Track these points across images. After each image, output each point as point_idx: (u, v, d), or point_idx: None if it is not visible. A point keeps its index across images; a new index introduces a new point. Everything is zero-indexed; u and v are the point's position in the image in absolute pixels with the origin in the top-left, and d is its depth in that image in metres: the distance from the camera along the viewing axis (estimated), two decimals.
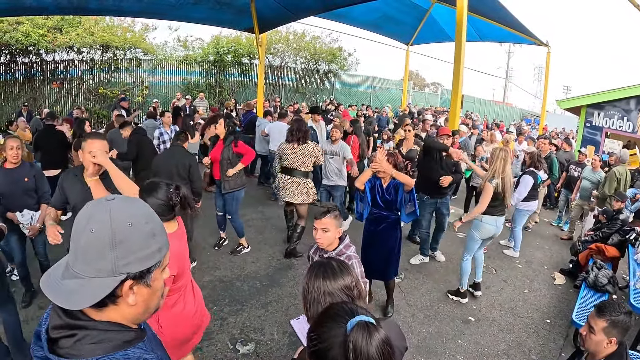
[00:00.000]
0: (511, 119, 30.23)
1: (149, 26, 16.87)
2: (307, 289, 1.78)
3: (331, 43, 21.20)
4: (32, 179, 4.32)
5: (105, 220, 1.00)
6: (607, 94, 11.77)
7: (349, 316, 1.19)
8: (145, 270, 1.05)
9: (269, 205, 8.19)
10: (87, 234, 0.99)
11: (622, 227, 5.98)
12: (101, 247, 0.99)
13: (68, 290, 0.99)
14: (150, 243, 1.06)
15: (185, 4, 9.07)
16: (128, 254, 1.01)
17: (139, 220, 1.04)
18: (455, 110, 7.09)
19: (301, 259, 5.93)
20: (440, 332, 4.48)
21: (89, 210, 1.03)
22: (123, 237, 1.00)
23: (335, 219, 2.82)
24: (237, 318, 4.39)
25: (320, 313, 1.32)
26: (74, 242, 1.01)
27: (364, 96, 24.07)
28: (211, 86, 18.46)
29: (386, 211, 4.52)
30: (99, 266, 0.99)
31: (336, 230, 2.82)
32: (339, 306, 1.27)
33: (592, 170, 7.72)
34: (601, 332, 2.40)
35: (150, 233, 1.06)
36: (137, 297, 1.05)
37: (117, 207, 1.03)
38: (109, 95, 15.65)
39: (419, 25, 13.57)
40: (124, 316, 1.06)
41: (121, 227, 1.00)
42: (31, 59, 14.77)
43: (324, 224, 2.79)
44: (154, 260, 1.07)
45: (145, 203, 1.13)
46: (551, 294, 5.68)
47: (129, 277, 1.02)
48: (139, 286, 1.05)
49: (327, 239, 2.82)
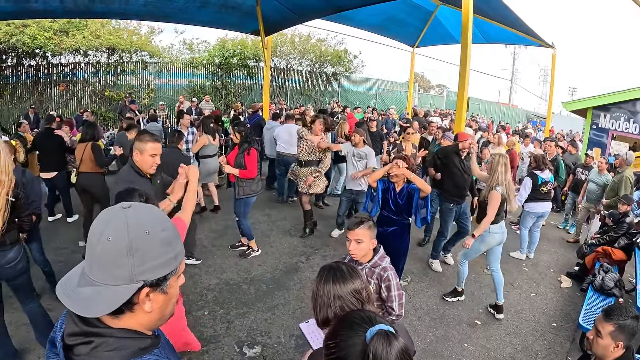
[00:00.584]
0: (517, 121, 30.12)
1: (155, 29, 16.98)
2: (317, 292, 1.79)
3: (337, 45, 21.25)
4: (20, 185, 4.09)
5: (122, 229, 1.00)
6: (613, 96, 11.71)
7: (367, 325, 1.19)
8: (162, 278, 1.06)
9: (275, 208, 8.21)
10: (104, 242, 0.99)
11: (629, 230, 5.96)
12: (118, 255, 0.99)
13: (84, 298, 0.99)
14: (167, 251, 1.06)
15: (191, 7, 9.12)
16: (145, 262, 1.01)
17: (156, 228, 1.05)
18: (461, 113, 7.08)
19: (308, 262, 5.94)
20: (446, 335, 4.48)
21: (105, 218, 1.04)
22: (140, 246, 1.01)
23: (370, 230, 2.71)
24: (243, 321, 4.40)
25: (337, 320, 1.32)
26: (90, 249, 1.02)
27: (369, 98, 24.07)
28: (217, 89, 18.51)
29: (396, 215, 4.53)
30: (116, 274, 1.00)
31: (370, 241, 2.72)
32: (356, 314, 1.27)
33: (599, 173, 7.67)
34: (608, 336, 2.40)
35: (167, 241, 1.07)
36: (153, 304, 1.06)
37: (134, 215, 1.04)
38: (115, 98, 15.72)
39: (424, 27, 13.55)
40: (140, 323, 1.07)
41: (138, 235, 1.01)
42: (38, 61, 14.87)
43: (357, 235, 2.67)
44: (170, 267, 1.08)
45: (161, 211, 1.13)
46: (557, 297, 5.66)
47: (145, 284, 1.03)
48: (155, 293, 1.06)
49: (360, 250, 2.70)
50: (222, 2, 9.13)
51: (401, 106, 20.69)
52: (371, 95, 24.55)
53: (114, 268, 0.99)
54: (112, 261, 0.99)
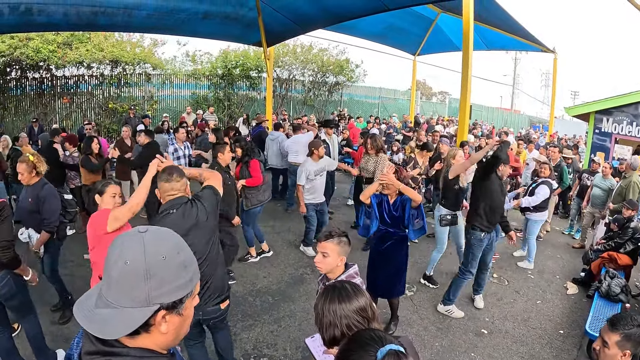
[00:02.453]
0: (519, 127, 30.13)
1: (158, 41, 17.07)
2: (322, 312, 1.79)
3: (338, 55, 21.30)
4: (36, 200, 4.17)
5: (139, 253, 1.03)
6: (615, 100, 11.69)
7: (378, 344, 1.20)
8: (178, 301, 1.08)
9: (280, 219, 8.22)
10: (121, 266, 1.02)
11: (634, 235, 5.95)
12: (135, 279, 1.01)
13: (102, 320, 1.01)
14: (183, 274, 1.09)
15: (193, 19, 9.18)
16: (162, 286, 1.04)
17: (172, 252, 1.07)
18: (464, 120, 7.09)
19: (313, 273, 5.95)
20: (453, 345, 4.47)
21: (121, 242, 1.06)
22: (157, 270, 1.03)
23: (339, 245, 2.60)
24: (249, 333, 4.41)
25: (348, 340, 1.32)
26: (107, 272, 1.04)
27: (372, 107, 24.12)
28: (220, 100, 18.57)
29: (393, 228, 4.48)
30: (133, 297, 1.02)
31: (338, 257, 2.60)
32: (367, 334, 1.28)
33: (603, 178, 7.66)
34: (615, 345, 2.38)
35: (182, 265, 1.09)
36: (169, 325, 1.08)
37: (151, 239, 1.06)
38: (119, 110, 15.80)
39: (426, 35, 13.63)
40: (156, 343, 1.09)
41: (155, 259, 1.03)
42: (41, 74, 14.99)
43: (324, 248, 2.60)
44: (186, 290, 1.10)
45: (176, 234, 1.15)
46: (564, 304, 5.65)
47: (162, 307, 1.05)
48: (171, 315, 1.07)
49: (326, 264, 2.60)
50: (225, 14, 9.20)
51: (403, 114, 20.67)
52: (374, 104, 24.60)
53: (131, 291, 1.02)
54: (130, 285, 1.02)
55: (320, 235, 2.69)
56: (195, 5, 8.54)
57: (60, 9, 7.70)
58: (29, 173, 4.18)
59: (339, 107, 22.18)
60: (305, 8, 8.48)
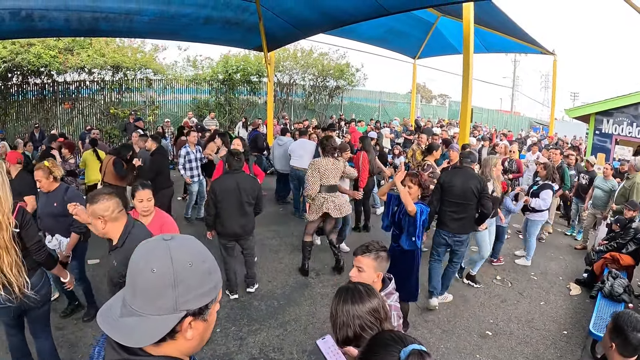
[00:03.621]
0: (520, 128, 30.16)
1: (159, 47, 17.12)
2: (336, 313, 1.84)
3: (339, 59, 21.36)
4: (62, 203, 4.12)
5: (166, 261, 1.03)
6: (615, 101, 11.76)
7: (400, 345, 1.23)
8: (204, 307, 1.09)
9: (283, 224, 8.23)
10: (148, 274, 1.02)
11: (636, 236, 5.98)
12: (162, 287, 1.02)
13: (128, 328, 1.02)
14: (208, 280, 1.10)
15: (195, 24, 9.23)
16: (188, 292, 1.04)
17: (197, 259, 1.08)
18: (465, 123, 7.13)
19: (317, 277, 5.99)
20: (458, 347, 4.49)
21: (147, 249, 1.07)
22: (184, 277, 1.04)
23: (376, 261, 2.48)
24: (255, 338, 4.43)
25: (369, 341, 1.35)
26: (132, 280, 1.05)
27: (372, 111, 24.16)
28: (221, 105, 18.61)
29: (398, 230, 4.49)
30: (160, 304, 1.02)
31: (375, 273, 2.47)
32: (388, 335, 1.30)
33: (604, 179, 7.69)
34: None
35: (207, 271, 1.10)
36: (194, 332, 1.09)
37: (177, 247, 1.07)
38: (120, 115, 15.84)
39: (425, 38, 13.69)
40: (180, 350, 1.10)
41: (182, 267, 1.04)
42: (43, 79, 15.02)
43: (360, 262, 2.48)
44: (212, 296, 1.11)
45: (199, 242, 1.16)
46: (567, 305, 5.67)
47: (188, 314, 1.05)
48: (196, 321, 1.08)
49: (361, 279, 2.41)
50: (226, 18, 9.24)
51: (404, 118, 20.70)
52: (374, 107, 24.64)
53: (158, 299, 1.02)
54: (157, 292, 1.02)
55: (357, 249, 2.56)
56: (196, 10, 8.58)
57: (61, 15, 7.74)
58: (46, 179, 4.21)
59: (339, 111, 22.22)
60: (305, 13, 8.51)
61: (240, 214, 5.02)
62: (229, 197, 4.92)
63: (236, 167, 5.03)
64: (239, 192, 4.95)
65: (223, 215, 4.95)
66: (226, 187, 4.93)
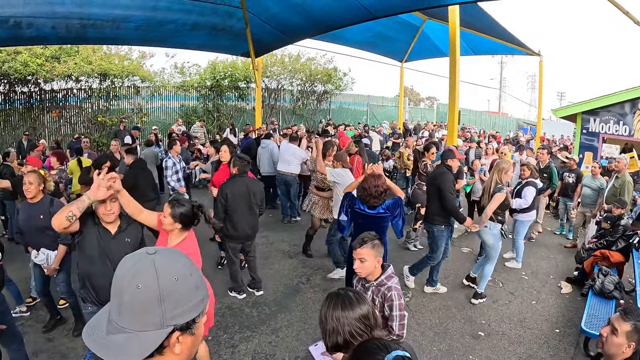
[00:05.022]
0: (508, 129, 30.39)
1: (146, 53, 17.01)
2: (325, 319, 1.83)
3: (326, 64, 21.41)
4: (48, 216, 4.02)
5: (151, 276, 1.01)
6: (601, 100, 11.85)
7: (384, 352, 1.23)
8: (191, 321, 1.07)
9: (273, 230, 8.19)
10: (133, 290, 1.00)
11: (625, 233, 6.03)
12: (149, 303, 1.00)
13: (116, 346, 1.00)
14: (195, 294, 1.08)
15: (182, 31, 9.20)
16: (175, 307, 1.03)
17: (184, 273, 1.06)
18: (453, 125, 7.16)
19: (308, 283, 5.97)
20: (451, 349, 4.49)
21: (131, 265, 1.04)
22: (170, 292, 1.02)
23: (374, 249, 2.79)
24: (248, 345, 4.40)
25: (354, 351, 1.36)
26: (117, 296, 1.03)
27: (360, 115, 24.26)
28: (209, 111, 18.56)
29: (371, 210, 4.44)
30: (147, 320, 1.01)
31: (375, 259, 2.79)
32: (373, 343, 1.32)
33: (592, 177, 7.76)
34: (624, 335, 2.39)
35: (194, 285, 1.08)
36: (182, 346, 1.07)
37: (162, 261, 1.05)
38: (108, 123, 15.73)
39: (412, 42, 13.72)
40: None
41: (168, 281, 1.02)
42: (30, 88, 14.88)
43: (360, 254, 2.77)
44: (199, 310, 1.09)
45: (185, 255, 1.14)
46: (559, 303, 5.70)
47: (175, 328, 1.04)
48: (184, 336, 1.06)
49: (365, 268, 2.78)
50: (213, 24, 9.22)
51: (392, 121, 20.76)
52: (362, 111, 24.74)
53: (144, 315, 1.00)
54: (143, 309, 1.00)
55: (354, 243, 2.85)
56: (183, 16, 8.55)
57: (49, 22, 7.67)
58: (38, 185, 4.14)
59: (327, 115, 22.26)
60: (292, 18, 8.52)
61: (251, 216, 5.20)
62: (240, 200, 5.06)
63: (245, 171, 5.18)
64: (248, 195, 5.11)
65: (235, 218, 5.06)
66: (237, 190, 5.06)
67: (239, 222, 5.09)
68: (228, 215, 5.03)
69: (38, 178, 4.15)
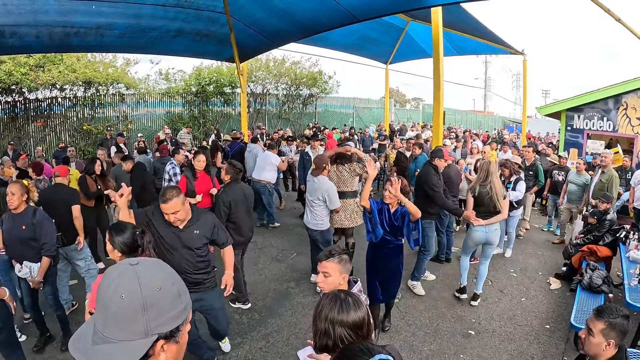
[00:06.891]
0: (493, 128, 30.62)
1: (131, 60, 16.91)
2: (319, 318, 1.80)
3: (311, 67, 21.43)
4: (31, 227, 4.03)
5: (134, 286, 1.03)
6: (585, 97, 12.01)
7: (367, 355, 1.24)
8: (175, 329, 1.08)
9: (261, 235, 8.13)
10: (117, 300, 1.01)
11: (612, 227, 6.09)
12: (133, 312, 1.01)
13: (102, 356, 1.01)
14: (178, 303, 1.09)
15: (166, 37, 9.14)
16: (159, 316, 1.04)
17: (166, 282, 1.08)
18: (438, 126, 7.18)
19: (298, 287, 5.95)
20: (441, 348, 4.50)
21: (114, 276, 1.06)
22: (153, 301, 1.04)
23: (340, 264, 2.50)
24: (238, 352, 4.37)
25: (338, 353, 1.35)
26: (102, 308, 1.04)
27: (346, 117, 24.30)
28: (195, 117, 18.47)
29: (390, 236, 4.48)
30: (132, 330, 1.02)
31: (340, 276, 2.50)
32: (356, 347, 1.31)
33: (577, 174, 7.83)
34: (599, 334, 2.43)
35: (177, 294, 1.10)
36: (167, 354, 1.09)
37: (144, 271, 1.06)
38: (94, 132, 15.60)
39: (396, 43, 13.76)
40: None
41: (151, 291, 1.04)
42: (14, 97, 14.69)
43: (324, 268, 2.50)
44: (182, 318, 1.11)
45: (167, 265, 1.16)
46: (548, 299, 5.74)
47: (160, 337, 1.05)
48: (169, 344, 1.08)
49: (327, 284, 2.48)
50: (196, 30, 9.17)
51: (379, 122, 20.82)
52: (348, 114, 24.78)
53: (129, 325, 1.02)
54: (127, 318, 1.02)
55: (320, 255, 2.59)
56: (167, 23, 8.50)
57: (32, 31, 7.57)
58: (21, 195, 4.05)
59: (314, 119, 22.26)
60: (277, 23, 8.50)
61: (250, 219, 5.34)
62: (240, 206, 5.11)
63: (237, 178, 5.27)
64: (246, 200, 5.20)
65: (238, 224, 5.10)
66: (237, 196, 5.11)
67: (242, 227, 5.15)
68: (231, 222, 5.05)
69: (21, 188, 4.06)
